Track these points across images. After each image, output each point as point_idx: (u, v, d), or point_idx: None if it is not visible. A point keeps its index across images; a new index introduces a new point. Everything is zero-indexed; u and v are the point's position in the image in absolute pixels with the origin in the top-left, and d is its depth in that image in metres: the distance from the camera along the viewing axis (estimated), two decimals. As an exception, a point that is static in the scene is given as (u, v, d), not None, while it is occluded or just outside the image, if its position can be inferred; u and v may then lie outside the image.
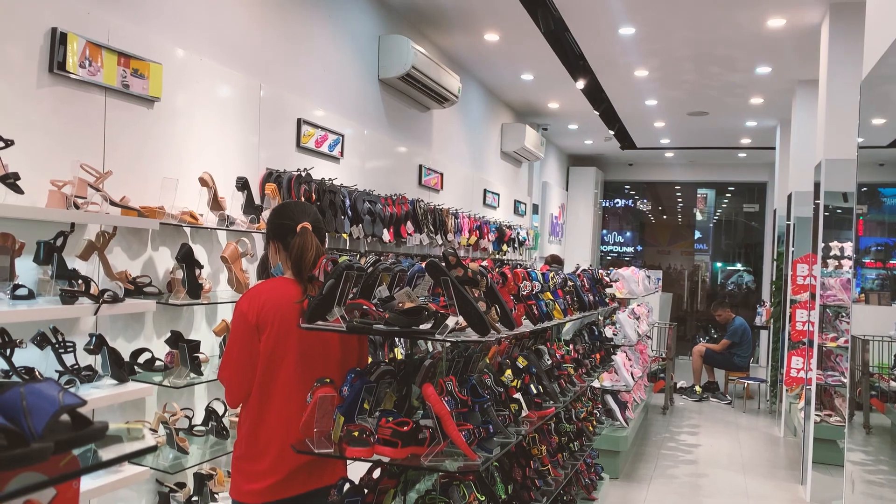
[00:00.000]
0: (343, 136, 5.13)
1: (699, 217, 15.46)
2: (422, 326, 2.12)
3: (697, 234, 15.50)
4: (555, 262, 8.38)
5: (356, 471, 2.68)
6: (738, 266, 15.24)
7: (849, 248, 6.06)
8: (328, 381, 2.37)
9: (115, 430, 0.93)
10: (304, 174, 4.45)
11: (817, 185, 5.75)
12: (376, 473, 2.61)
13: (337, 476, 2.51)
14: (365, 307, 2.18)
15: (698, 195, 15.32)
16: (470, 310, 2.14)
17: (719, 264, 15.46)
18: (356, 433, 2.16)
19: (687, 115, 9.73)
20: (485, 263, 2.78)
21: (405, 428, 2.16)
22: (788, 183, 8.21)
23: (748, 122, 10.16)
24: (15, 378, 2.54)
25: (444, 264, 2.24)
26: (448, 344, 2.51)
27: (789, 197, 7.98)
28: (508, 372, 2.78)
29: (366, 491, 2.50)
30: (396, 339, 4.38)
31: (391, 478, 2.59)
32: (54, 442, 0.78)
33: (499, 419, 2.48)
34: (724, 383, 9.86)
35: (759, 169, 13.37)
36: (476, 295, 2.32)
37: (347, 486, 2.46)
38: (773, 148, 10.59)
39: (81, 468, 0.94)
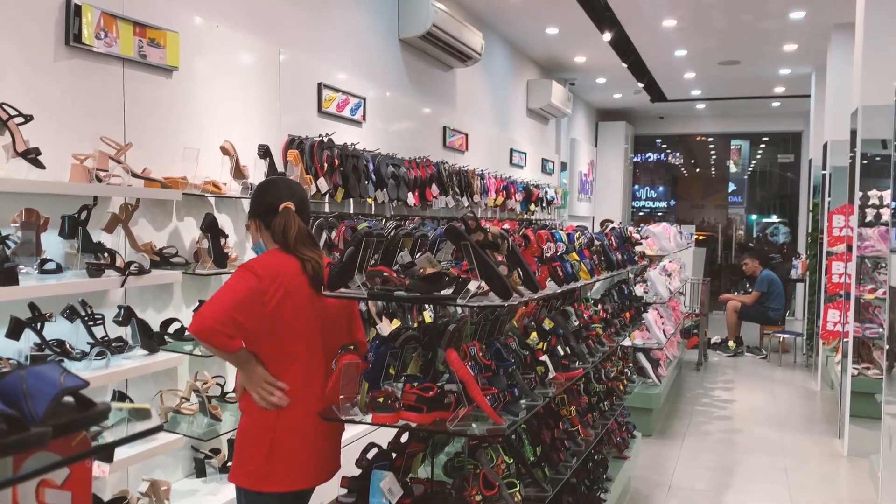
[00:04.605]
0: (365, 100, 5.07)
1: (733, 169, 15.11)
2: (443, 292, 2.10)
3: (732, 187, 15.18)
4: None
5: (384, 436, 2.70)
6: (774, 218, 14.94)
7: (888, 196, 5.87)
8: (352, 347, 2.37)
9: (122, 409, 0.92)
10: (326, 139, 4.42)
11: (854, 133, 5.57)
12: (404, 437, 2.62)
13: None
14: (385, 274, 2.16)
15: (732, 147, 14.96)
16: (491, 274, 2.11)
17: (754, 217, 15.16)
18: (381, 399, 2.16)
19: (718, 64, 9.46)
20: (506, 226, 2.74)
21: (430, 393, 2.15)
22: (824, 131, 7.97)
23: (782, 70, 9.85)
24: (47, 350, 2.59)
25: (463, 228, 2.20)
26: (474, 308, 2.49)
27: (825, 146, 7.75)
28: (534, 335, 2.76)
29: (394, 455, 2.52)
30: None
31: (419, 441, 2.60)
32: (55, 425, 0.77)
33: (525, 382, 2.47)
34: (760, 337, 9.75)
35: (794, 118, 13.00)
36: (498, 258, 2.28)
37: (375, 450, 2.47)
38: (809, 96, 10.27)
39: (92, 448, 0.94)
